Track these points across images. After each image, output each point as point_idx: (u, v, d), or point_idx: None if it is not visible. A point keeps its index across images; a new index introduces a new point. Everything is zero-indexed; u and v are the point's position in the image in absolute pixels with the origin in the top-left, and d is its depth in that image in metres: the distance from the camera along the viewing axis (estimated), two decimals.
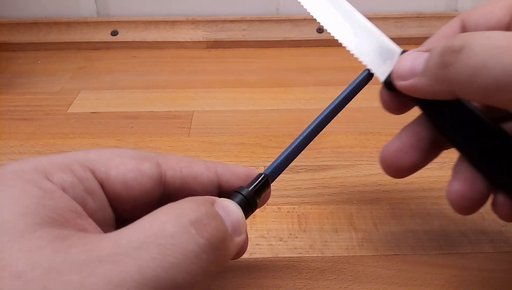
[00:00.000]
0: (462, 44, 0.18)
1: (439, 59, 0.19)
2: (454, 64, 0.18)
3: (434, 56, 0.19)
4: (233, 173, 0.22)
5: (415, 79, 0.20)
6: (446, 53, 0.19)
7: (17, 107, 0.42)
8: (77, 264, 0.14)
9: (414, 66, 0.21)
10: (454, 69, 0.18)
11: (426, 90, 0.20)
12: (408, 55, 0.22)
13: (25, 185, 0.16)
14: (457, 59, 0.18)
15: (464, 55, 0.18)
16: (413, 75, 0.21)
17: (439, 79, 0.19)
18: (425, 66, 0.20)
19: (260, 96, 0.44)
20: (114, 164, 0.19)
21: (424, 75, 0.20)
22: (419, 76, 0.20)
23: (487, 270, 0.26)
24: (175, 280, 0.15)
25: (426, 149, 0.23)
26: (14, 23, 0.53)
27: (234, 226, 0.18)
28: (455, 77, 0.18)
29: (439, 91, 0.20)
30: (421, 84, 0.20)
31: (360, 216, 0.29)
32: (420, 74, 0.20)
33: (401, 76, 0.21)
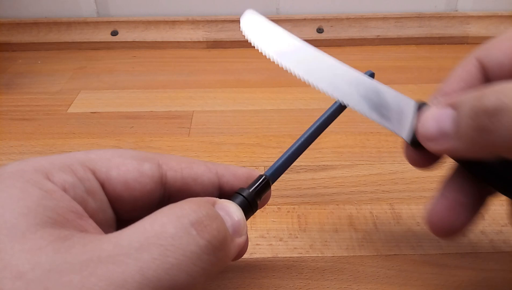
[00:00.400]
0: (497, 103, 0.16)
1: (473, 123, 0.17)
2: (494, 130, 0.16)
3: (466, 118, 0.17)
4: (234, 174, 0.22)
5: (449, 143, 0.18)
6: (479, 116, 0.16)
7: (17, 107, 0.42)
8: (78, 264, 0.14)
9: (441, 126, 0.19)
10: (496, 136, 0.16)
11: (464, 153, 0.18)
12: (430, 114, 0.19)
13: (25, 186, 0.16)
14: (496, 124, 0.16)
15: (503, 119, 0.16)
16: (444, 137, 0.19)
17: (477, 143, 0.17)
18: (456, 128, 0.18)
19: (260, 96, 0.44)
20: (114, 164, 0.19)
21: (458, 139, 0.18)
22: (453, 139, 0.18)
23: (487, 270, 0.26)
24: (176, 281, 0.15)
25: (474, 202, 0.21)
26: (14, 23, 0.53)
27: (234, 227, 0.18)
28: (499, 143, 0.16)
29: (479, 154, 0.18)
30: (457, 148, 0.18)
31: (360, 216, 0.30)
32: (453, 136, 0.18)
33: (430, 138, 0.19)
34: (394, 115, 0.22)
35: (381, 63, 0.49)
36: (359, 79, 0.23)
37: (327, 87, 0.23)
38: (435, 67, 0.49)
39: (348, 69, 0.23)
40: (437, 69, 0.48)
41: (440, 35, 0.54)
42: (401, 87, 0.47)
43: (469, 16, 0.54)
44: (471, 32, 0.54)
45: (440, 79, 0.49)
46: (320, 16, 0.53)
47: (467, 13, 0.55)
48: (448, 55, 0.52)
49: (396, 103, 0.22)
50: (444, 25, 0.54)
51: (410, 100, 0.22)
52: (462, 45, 0.54)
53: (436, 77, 0.47)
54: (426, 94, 0.46)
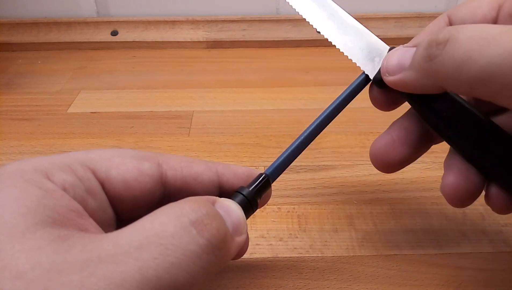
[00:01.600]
0: (447, 36, 0.18)
1: (425, 53, 0.19)
2: (439, 56, 0.18)
3: (420, 50, 0.19)
4: (234, 173, 0.22)
5: (403, 74, 0.21)
6: (431, 46, 0.19)
7: (17, 107, 0.42)
8: (78, 264, 0.14)
9: (401, 61, 0.21)
10: (440, 62, 0.18)
11: (413, 84, 0.20)
12: (396, 51, 0.22)
13: (25, 185, 0.16)
14: (442, 51, 0.18)
15: (449, 48, 0.18)
16: (401, 70, 0.21)
17: (425, 72, 0.19)
18: (412, 60, 0.20)
19: (260, 96, 0.44)
20: (114, 164, 0.19)
21: (411, 69, 0.20)
22: (407, 71, 0.20)
23: (487, 270, 0.26)
24: (176, 280, 0.15)
25: (415, 143, 0.23)
26: (14, 23, 0.53)
27: (234, 226, 0.18)
28: (441, 70, 0.18)
29: (426, 85, 0.20)
30: (408, 78, 0.20)
31: (360, 216, 0.29)
32: (409, 68, 0.20)
33: (390, 72, 0.22)
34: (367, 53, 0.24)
35: None
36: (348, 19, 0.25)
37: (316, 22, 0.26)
38: None
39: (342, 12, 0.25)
40: None
41: None
42: None
43: None
44: None
45: None
46: None
47: None
48: None
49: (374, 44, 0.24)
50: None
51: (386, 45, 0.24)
52: None
53: None
54: None
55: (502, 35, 0.17)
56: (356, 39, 0.25)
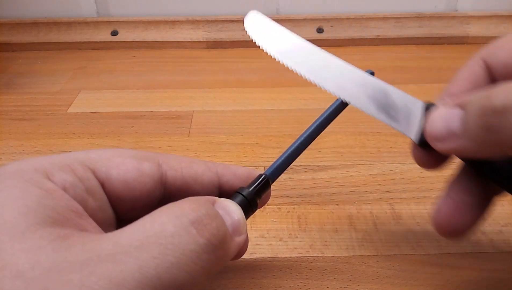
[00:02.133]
0: (505, 102, 0.16)
1: (482, 122, 0.17)
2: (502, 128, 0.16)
3: (474, 118, 0.17)
4: (234, 173, 0.22)
5: (458, 143, 0.18)
6: (488, 115, 0.16)
7: (17, 107, 0.42)
8: (78, 263, 0.14)
9: (449, 126, 0.19)
10: (503, 134, 0.16)
11: (472, 153, 0.18)
12: (438, 114, 0.19)
13: (25, 185, 0.16)
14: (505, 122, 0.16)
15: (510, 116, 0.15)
16: (452, 137, 0.19)
17: (485, 142, 0.17)
18: (464, 127, 0.18)
19: (260, 96, 0.44)
20: (114, 164, 0.19)
21: (466, 138, 0.18)
22: (461, 139, 0.18)
23: (487, 270, 0.26)
24: (176, 280, 0.15)
25: (480, 202, 0.21)
26: (14, 23, 0.53)
27: (234, 226, 0.18)
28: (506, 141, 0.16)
29: (486, 153, 0.18)
30: (465, 148, 0.18)
31: (360, 216, 0.29)
32: (461, 136, 0.18)
33: (438, 138, 0.19)
34: (402, 115, 0.22)
35: (381, 63, 0.49)
36: (366, 79, 0.23)
37: (333, 87, 0.23)
38: (435, 67, 0.49)
39: (354, 69, 0.23)
40: (437, 69, 0.48)
41: (440, 35, 0.54)
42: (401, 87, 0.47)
43: (469, 16, 0.54)
44: (471, 32, 0.54)
45: (440, 79, 0.50)
46: (320, 16, 0.53)
47: (467, 13, 0.55)
48: (448, 55, 0.52)
49: (403, 103, 0.22)
50: (444, 25, 0.54)
51: (418, 100, 0.22)
52: (462, 45, 0.54)
53: (436, 77, 0.47)
54: (426, 94, 0.46)
55: None
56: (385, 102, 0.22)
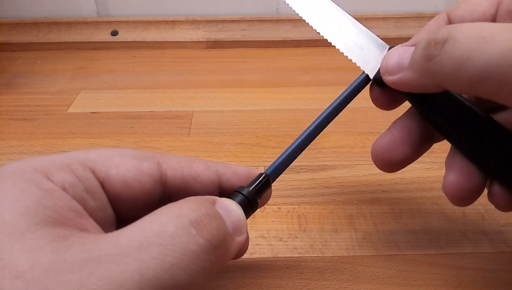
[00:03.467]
0: (446, 35, 0.18)
1: (424, 52, 0.19)
2: (438, 56, 0.18)
3: (419, 49, 0.19)
4: (234, 172, 0.22)
5: (402, 73, 0.21)
6: (430, 46, 0.19)
7: (17, 107, 0.42)
8: (77, 264, 0.14)
9: (401, 60, 0.21)
10: (439, 61, 0.18)
11: (413, 83, 0.20)
12: (395, 50, 0.22)
13: (25, 185, 0.16)
14: (441, 51, 0.18)
15: (448, 47, 0.18)
16: (401, 70, 0.21)
17: (425, 72, 0.19)
18: (411, 59, 0.20)
19: (260, 96, 0.44)
20: (114, 163, 0.19)
21: (410, 69, 0.20)
22: (406, 70, 0.20)
23: (487, 270, 0.26)
24: (176, 280, 0.15)
25: (417, 142, 0.23)
26: (14, 23, 0.53)
27: (234, 226, 0.18)
28: (440, 69, 0.18)
29: (426, 84, 0.20)
30: (408, 78, 0.20)
31: (360, 216, 0.29)
32: (408, 68, 0.20)
33: (389, 71, 0.22)
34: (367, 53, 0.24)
35: None
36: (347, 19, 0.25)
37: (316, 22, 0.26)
38: None
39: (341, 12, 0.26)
40: None
41: None
42: None
43: None
44: None
45: None
46: None
47: None
48: None
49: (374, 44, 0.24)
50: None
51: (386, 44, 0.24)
52: None
53: None
54: None
55: (501, 33, 0.17)
56: (355, 39, 0.25)
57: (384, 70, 0.22)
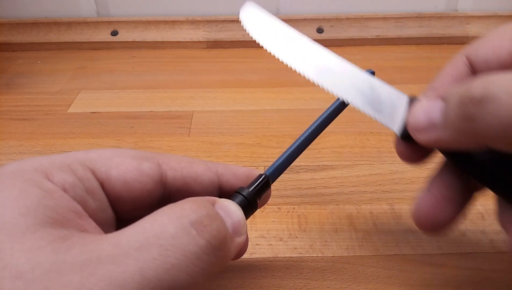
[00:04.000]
0: (483, 92, 0.16)
1: (461, 112, 0.17)
2: (480, 117, 0.16)
3: (454, 108, 0.17)
4: (234, 173, 0.22)
5: (437, 133, 0.19)
6: (467, 105, 0.17)
7: (17, 107, 0.42)
8: (78, 264, 0.14)
9: (431, 118, 0.19)
10: (482, 123, 0.16)
11: (451, 143, 0.18)
12: (420, 106, 0.20)
13: (25, 185, 0.16)
14: (482, 111, 0.16)
15: (490, 107, 0.16)
16: (433, 128, 0.19)
17: (465, 132, 0.17)
18: (444, 118, 0.18)
19: (260, 96, 0.44)
20: (114, 164, 0.19)
21: (446, 128, 0.18)
22: (441, 129, 0.18)
23: (487, 270, 0.26)
24: (176, 281, 0.15)
25: (460, 198, 0.21)
26: (14, 23, 0.53)
27: (234, 227, 0.18)
28: (485, 131, 0.16)
29: (466, 144, 0.18)
30: (445, 138, 0.18)
31: (360, 216, 0.29)
32: (441, 127, 0.18)
33: (419, 130, 0.20)
34: (387, 108, 0.22)
35: (381, 63, 0.49)
36: (355, 74, 0.23)
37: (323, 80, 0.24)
38: (435, 67, 0.49)
39: (346, 64, 0.23)
40: (437, 69, 0.48)
41: (440, 35, 0.54)
42: (401, 87, 0.47)
43: (469, 16, 0.54)
44: (471, 32, 0.54)
45: None
46: (320, 16, 0.53)
47: (467, 13, 0.55)
48: (448, 55, 0.51)
49: (389, 97, 0.22)
50: (444, 25, 0.54)
51: (403, 94, 0.22)
52: (462, 45, 0.53)
53: None
54: None
55: None
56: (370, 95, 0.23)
57: (413, 128, 0.20)
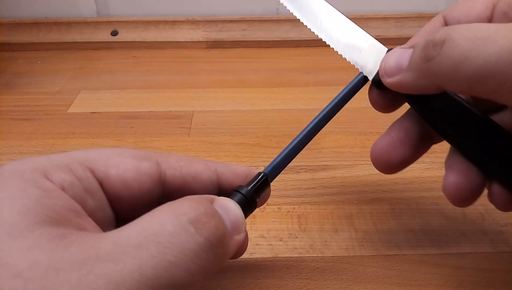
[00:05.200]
0: (444, 36, 0.18)
1: (422, 54, 0.19)
2: (437, 57, 0.18)
3: (418, 51, 0.20)
4: (233, 172, 0.22)
5: (401, 75, 0.21)
6: (428, 47, 0.19)
7: (17, 107, 0.42)
8: (76, 263, 0.14)
9: (399, 62, 0.21)
10: (437, 62, 0.18)
11: (412, 85, 0.20)
12: (393, 52, 0.22)
13: (24, 184, 0.16)
14: (439, 52, 0.18)
15: (446, 48, 0.18)
16: (399, 72, 0.21)
17: (423, 73, 0.19)
18: (409, 61, 0.20)
19: (260, 96, 0.44)
20: (113, 163, 0.19)
21: (409, 71, 0.20)
22: (405, 72, 0.21)
23: (487, 270, 0.26)
24: (174, 279, 0.15)
25: (415, 143, 0.24)
26: (14, 23, 0.53)
27: (233, 225, 0.18)
28: (439, 70, 0.18)
29: (425, 85, 0.20)
30: (407, 80, 0.20)
31: (360, 216, 0.29)
32: (407, 69, 0.20)
33: (388, 73, 0.22)
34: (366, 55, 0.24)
35: None
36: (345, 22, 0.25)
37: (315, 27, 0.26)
38: None
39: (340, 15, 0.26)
40: None
41: None
42: None
43: None
44: None
45: None
46: None
47: None
48: None
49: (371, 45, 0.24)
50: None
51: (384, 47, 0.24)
52: None
53: None
54: None
55: (498, 33, 0.17)
56: (353, 41, 0.25)
57: (382, 72, 0.22)
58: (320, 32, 0.25)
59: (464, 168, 0.22)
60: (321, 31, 0.25)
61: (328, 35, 0.25)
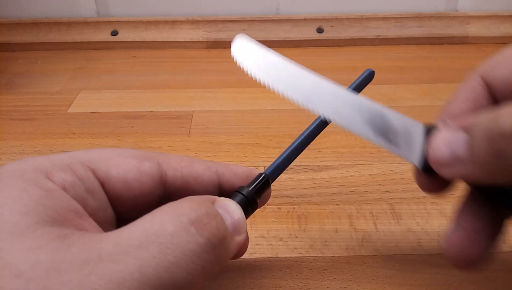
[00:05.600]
0: None
1: (490, 147, 0.15)
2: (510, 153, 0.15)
3: (481, 142, 0.16)
4: (234, 173, 0.22)
5: (465, 168, 0.17)
6: (495, 139, 0.15)
7: (17, 107, 0.42)
8: (77, 263, 0.14)
9: (455, 151, 0.18)
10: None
11: (481, 178, 0.17)
12: (441, 138, 0.19)
13: (25, 185, 0.16)
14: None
15: None
16: (458, 162, 0.17)
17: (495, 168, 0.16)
18: (471, 152, 0.17)
19: (260, 96, 0.44)
20: (114, 163, 0.19)
21: (474, 164, 0.17)
22: (468, 164, 0.17)
23: (487, 270, 0.26)
24: (175, 279, 0.15)
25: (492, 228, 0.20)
26: (14, 23, 0.53)
27: (234, 226, 0.18)
28: None
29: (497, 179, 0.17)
30: (473, 174, 0.17)
31: (360, 216, 0.29)
32: (468, 161, 0.17)
33: (443, 164, 0.18)
34: (402, 140, 0.21)
35: (381, 63, 0.49)
36: (361, 103, 0.22)
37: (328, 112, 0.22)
38: (435, 67, 0.49)
39: (348, 93, 0.22)
40: (437, 69, 0.48)
41: (440, 35, 0.54)
42: (401, 87, 0.48)
43: (469, 16, 0.54)
44: (471, 32, 0.54)
45: (440, 79, 0.49)
46: (320, 16, 0.53)
47: (467, 13, 0.55)
48: (448, 55, 0.52)
49: (402, 126, 0.21)
50: (444, 25, 0.54)
51: (417, 123, 0.21)
52: (462, 45, 0.54)
53: (436, 77, 0.47)
54: (426, 94, 0.46)
55: None
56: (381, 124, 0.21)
57: (436, 162, 0.19)
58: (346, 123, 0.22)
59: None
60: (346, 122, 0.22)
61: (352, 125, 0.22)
